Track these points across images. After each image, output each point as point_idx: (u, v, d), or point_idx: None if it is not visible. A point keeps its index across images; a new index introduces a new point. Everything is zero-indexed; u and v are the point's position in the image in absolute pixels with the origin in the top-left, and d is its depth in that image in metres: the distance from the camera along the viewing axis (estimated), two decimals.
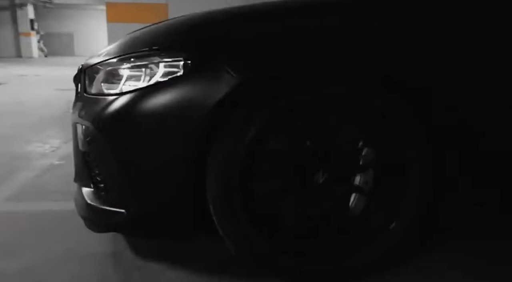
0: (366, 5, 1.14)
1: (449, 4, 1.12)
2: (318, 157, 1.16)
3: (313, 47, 1.10)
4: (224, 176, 1.10)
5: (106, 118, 1.17)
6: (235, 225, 1.13)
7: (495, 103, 1.12)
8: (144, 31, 1.40)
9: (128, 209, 1.20)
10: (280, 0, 1.27)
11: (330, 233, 1.19)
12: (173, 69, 1.12)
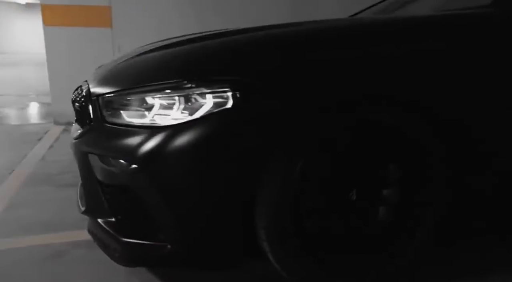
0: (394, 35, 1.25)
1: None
2: (357, 179, 1.25)
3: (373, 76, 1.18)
4: (277, 205, 1.13)
5: (149, 153, 1.12)
6: (288, 251, 1.18)
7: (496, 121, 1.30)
8: (169, 55, 1.36)
9: (174, 243, 1.19)
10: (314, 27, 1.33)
11: (367, 246, 1.30)
12: (220, 100, 1.11)
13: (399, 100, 1.21)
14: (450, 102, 1.22)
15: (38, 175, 2.48)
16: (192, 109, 1.13)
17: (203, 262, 1.25)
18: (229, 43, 1.31)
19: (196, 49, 1.35)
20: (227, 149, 1.11)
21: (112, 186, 1.29)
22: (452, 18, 1.37)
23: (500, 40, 1.30)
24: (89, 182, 1.40)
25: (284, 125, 1.12)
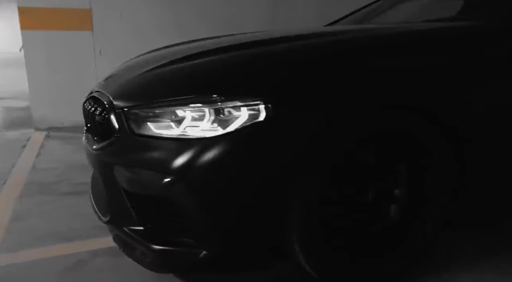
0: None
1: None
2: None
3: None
4: (309, 209, 1.23)
5: (187, 164, 1.18)
6: (318, 251, 1.28)
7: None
8: (197, 67, 1.41)
9: (211, 249, 1.25)
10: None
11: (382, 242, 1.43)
12: (253, 112, 1.19)
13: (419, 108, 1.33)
14: (455, 108, 1.36)
15: (34, 185, 2.45)
16: (225, 121, 1.20)
17: (235, 265, 1.34)
18: (257, 56, 1.39)
19: (224, 61, 1.41)
20: (261, 159, 1.19)
21: (144, 196, 1.33)
22: (454, 30, 1.52)
23: (493, 51, 1.46)
24: (114, 192, 1.43)
25: (313, 135, 1.21)
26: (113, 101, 1.43)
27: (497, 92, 1.43)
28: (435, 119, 1.33)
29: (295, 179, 1.21)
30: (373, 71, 1.30)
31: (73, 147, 3.29)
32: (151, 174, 1.28)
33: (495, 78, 1.44)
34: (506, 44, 1.48)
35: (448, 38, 1.46)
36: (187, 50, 1.76)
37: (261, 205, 1.22)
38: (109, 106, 1.44)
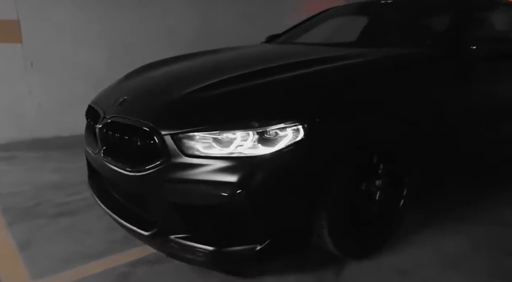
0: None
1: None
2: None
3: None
4: (337, 201, 1.63)
5: (248, 178, 1.47)
6: (344, 238, 1.70)
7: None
8: (241, 93, 1.69)
9: (263, 244, 1.57)
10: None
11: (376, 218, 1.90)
12: (295, 132, 1.52)
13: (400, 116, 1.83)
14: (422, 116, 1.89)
15: (13, 210, 2.40)
16: (273, 141, 1.52)
17: (280, 253, 1.67)
18: (291, 83, 1.73)
19: (263, 87, 1.71)
20: (301, 168, 1.54)
21: (199, 206, 1.58)
22: (419, 55, 2.06)
23: (441, 68, 2.03)
24: (161, 207, 1.65)
25: (337, 146, 1.60)
26: (156, 127, 1.62)
27: (443, 98, 2.01)
28: (409, 121, 1.85)
29: (325, 180, 1.59)
30: (375, 90, 1.75)
31: (23, 167, 3.17)
32: (210, 187, 1.53)
33: (441, 87, 2.02)
34: (449, 65, 2.08)
35: (419, 61, 2.02)
36: (212, 71, 2.09)
37: (300, 203, 1.58)
38: (152, 131, 1.62)
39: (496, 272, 1.78)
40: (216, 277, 1.74)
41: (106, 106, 1.98)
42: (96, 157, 1.95)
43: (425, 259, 1.87)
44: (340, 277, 1.75)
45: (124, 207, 1.95)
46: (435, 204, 2.41)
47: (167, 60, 2.62)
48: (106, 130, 1.84)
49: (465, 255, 1.91)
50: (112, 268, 1.82)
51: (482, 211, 2.36)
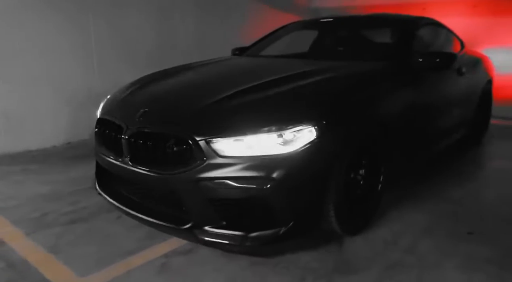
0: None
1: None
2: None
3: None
4: (340, 192, 2.05)
5: (280, 172, 1.84)
6: (344, 214, 2.12)
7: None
8: (263, 102, 2.07)
9: (287, 225, 1.94)
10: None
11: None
12: (309, 133, 1.91)
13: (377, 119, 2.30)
14: (390, 117, 2.39)
15: (24, 222, 2.49)
16: (293, 141, 1.90)
17: (299, 232, 2.04)
18: (297, 93, 2.15)
19: (275, 97, 2.11)
20: (315, 161, 1.94)
21: (233, 199, 1.91)
22: (385, 67, 2.56)
23: (401, 79, 2.56)
24: (197, 202, 1.95)
25: (339, 143, 2.02)
26: (192, 134, 1.92)
27: (401, 101, 2.54)
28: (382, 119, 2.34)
29: (331, 172, 2.01)
30: (364, 98, 2.22)
31: (6, 181, 3.18)
32: (242, 182, 1.87)
33: (400, 92, 2.55)
34: (404, 74, 2.61)
35: (385, 72, 2.52)
36: (220, 82, 2.47)
37: (315, 191, 1.98)
38: (188, 138, 1.92)
39: (458, 234, 2.33)
40: (243, 259, 2.07)
41: (126, 118, 2.21)
42: (119, 163, 2.17)
43: (402, 230, 2.38)
44: (343, 249, 2.17)
45: (151, 207, 2.19)
46: (403, 188, 2.95)
47: (165, 72, 2.90)
48: (134, 140, 2.08)
49: (431, 225, 2.45)
50: (150, 260, 2.06)
51: (436, 192, 2.95)
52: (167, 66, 3.04)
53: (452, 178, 3.29)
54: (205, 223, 1.98)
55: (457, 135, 3.73)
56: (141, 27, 4.77)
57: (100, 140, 2.40)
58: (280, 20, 6.57)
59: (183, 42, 5.27)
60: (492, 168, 3.77)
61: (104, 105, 2.61)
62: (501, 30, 5.62)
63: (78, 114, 4.33)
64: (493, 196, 2.95)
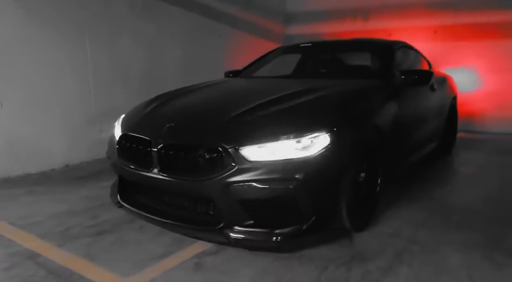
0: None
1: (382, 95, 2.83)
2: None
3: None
4: (349, 192, 2.35)
5: (304, 173, 2.12)
6: (353, 212, 2.41)
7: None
8: (274, 114, 2.36)
9: (309, 220, 2.21)
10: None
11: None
12: (324, 139, 2.22)
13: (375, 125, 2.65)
14: (384, 126, 2.75)
15: (51, 235, 2.60)
16: (311, 147, 2.19)
17: (319, 228, 2.31)
18: (308, 105, 2.46)
19: (290, 109, 2.42)
20: (330, 163, 2.24)
21: (260, 200, 2.16)
22: (375, 83, 2.94)
23: (389, 93, 2.93)
24: (227, 204, 2.19)
25: (348, 147, 2.34)
26: (223, 144, 2.18)
27: (390, 111, 2.91)
28: (378, 128, 2.69)
29: (343, 173, 2.31)
30: (364, 109, 2.56)
31: (18, 202, 3.25)
32: (269, 184, 2.14)
33: (390, 105, 2.92)
34: (391, 89, 3.00)
35: (375, 87, 2.88)
36: (236, 98, 2.76)
37: (331, 190, 2.27)
38: (219, 147, 2.17)
39: (448, 225, 2.67)
40: (269, 256, 2.30)
41: (153, 132, 2.43)
42: (148, 174, 2.38)
43: (401, 225, 2.70)
44: (353, 242, 2.45)
45: (178, 213, 2.40)
46: (394, 191, 3.29)
47: (177, 92, 3.18)
48: (165, 152, 2.30)
49: (424, 219, 2.79)
50: (183, 261, 2.25)
51: (422, 193, 3.32)
52: (158, 91, 3.34)
53: (432, 182, 3.69)
54: (234, 223, 2.21)
55: (432, 145, 4.17)
56: (133, 54, 5.00)
57: (125, 154, 2.59)
58: (258, 46, 7.03)
59: (171, 68, 5.53)
60: (463, 173, 4.22)
61: (123, 122, 2.81)
62: (458, 53, 6.28)
63: (75, 137, 4.44)
64: (466, 195, 3.36)
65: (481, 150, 5.27)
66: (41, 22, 4.02)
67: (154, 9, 5.22)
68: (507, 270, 2.14)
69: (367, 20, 7.02)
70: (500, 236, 2.54)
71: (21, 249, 2.42)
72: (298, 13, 7.82)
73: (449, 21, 6.26)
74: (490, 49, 6.01)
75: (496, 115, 6.28)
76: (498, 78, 6.13)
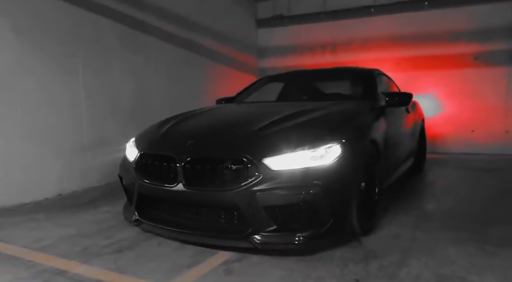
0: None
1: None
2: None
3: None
4: (357, 198, 2.62)
5: (324, 180, 2.38)
6: (361, 216, 2.67)
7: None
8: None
9: (328, 223, 2.44)
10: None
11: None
12: (337, 149, 2.49)
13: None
14: (378, 140, 3.08)
15: (71, 254, 2.63)
16: (326, 156, 2.46)
17: (336, 230, 2.54)
18: (317, 121, 2.75)
19: (304, 125, 2.68)
20: (343, 171, 2.51)
21: (283, 205, 2.38)
22: (366, 104, 3.29)
23: (375, 112, 3.29)
24: (254, 212, 2.39)
25: (355, 157, 2.62)
26: (249, 156, 2.40)
27: (380, 127, 3.25)
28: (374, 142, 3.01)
29: (354, 180, 2.58)
30: (362, 124, 2.89)
31: (22, 228, 3.23)
32: (292, 190, 2.37)
33: (381, 122, 3.27)
34: (378, 108, 3.36)
35: (366, 106, 3.23)
36: (249, 116, 3.02)
37: (345, 194, 2.53)
38: (245, 159, 2.39)
39: (439, 226, 2.99)
40: (291, 258, 2.48)
41: (176, 149, 2.61)
42: (172, 188, 2.54)
43: (398, 228, 2.99)
44: (363, 244, 2.70)
45: (202, 225, 2.55)
46: (385, 199, 3.59)
47: (186, 114, 3.42)
48: (190, 166, 2.49)
49: (417, 223, 3.10)
50: (212, 269, 2.38)
51: (409, 202, 3.65)
52: (145, 121, 3.57)
53: (415, 193, 4.08)
54: (260, 229, 2.40)
55: (410, 162, 4.58)
56: (123, 85, 5.15)
57: (145, 172, 2.73)
58: (235, 77, 7.39)
59: (157, 99, 5.70)
60: (438, 185, 4.64)
61: (139, 143, 2.97)
62: (420, 82, 6.93)
63: (68, 167, 4.45)
64: (446, 202, 3.74)
65: (447, 166, 5.77)
66: (37, 49, 4.12)
67: (143, 42, 5.44)
68: (500, 256, 2.45)
69: (336, 53, 7.60)
70: (483, 233, 2.87)
71: (46, 267, 2.45)
72: (269, 48, 8.31)
73: (410, 54, 6.95)
74: (447, 77, 6.70)
75: (454, 137, 6.91)
76: (454, 104, 6.80)
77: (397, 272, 2.27)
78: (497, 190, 4.27)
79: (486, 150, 6.64)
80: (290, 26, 8.00)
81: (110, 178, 4.92)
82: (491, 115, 6.62)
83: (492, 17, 6.45)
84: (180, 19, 6.12)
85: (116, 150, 5.03)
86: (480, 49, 6.58)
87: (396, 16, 7.02)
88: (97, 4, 4.78)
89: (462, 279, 2.17)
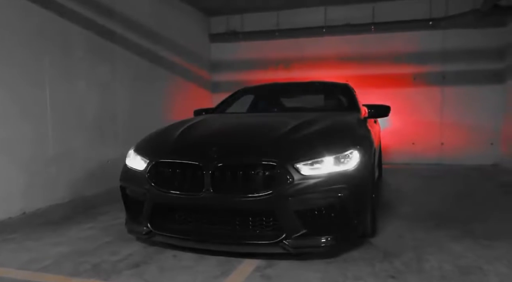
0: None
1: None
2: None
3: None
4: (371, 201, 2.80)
5: (349, 183, 2.51)
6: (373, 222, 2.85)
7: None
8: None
9: (353, 225, 2.58)
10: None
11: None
12: (355, 155, 2.65)
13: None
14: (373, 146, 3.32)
15: (85, 273, 2.43)
16: (350, 162, 2.61)
17: (358, 232, 2.67)
18: (337, 128, 2.93)
19: (321, 132, 2.82)
20: (365, 176, 2.68)
21: (314, 209, 2.48)
22: (355, 115, 3.52)
23: (361, 122, 3.53)
24: (286, 217, 2.46)
25: (368, 162, 2.81)
26: (280, 161, 2.46)
27: (372, 137, 3.51)
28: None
29: (369, 183, 2.76)
30: (364, 132, 3.10)
31: (11, 247, 2.88)
32: (321, 194, 2.47)
33: (369, 131, 3.52)
34: (361, 119, 3.60)
35: (353, 116, 3.47)
36: (266, 122, 3.14)
37: (366, 197, 2.71)
38: (276, 164, 2.45)
39: (432, 226, 3.27)
40: (319, 262, 2.55)
41: (199, 157, 2.56)
42: (196, 197, 2.49)
43: (398, 230, 3.21)
44: (374, 244, 2.87)
45: (229, 232, 2.53)
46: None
47: (193, 119, 3.40)
48: (219, 173, 2.47)
49: (410, 224, 3.36)
50: (247, 277, 2.36)
51: (392, 208, 3.93)
52: (111, 134, 3.26)
53: (390, 198, 4.38)
54: (292, 234, 2.45)
55: (378, 170, 4.94)
56: (88, 98, 4.86)
57: (163, 180, 2.63)
58: (192, 90, 7.35)
59: (121, 112, 5.45)
60: (402, 191, 5.03)
61: (148, 152, 2.84)
62: (367, 99, 7.48)
63: (32, 182, 4.05)
64: (424, 205, 4.10)
65: (398, 175, 6.27)
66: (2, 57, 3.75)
67: (109, 52, 5.19)
68: (495, 247, 2.79)
69: (288, 69, 7.92)
70: (470, 230, 3.21)
71: None
72: (222, 62, 8.38)
73: (358, 72, 7.51)
74: (391, 95, 7.34)
75: (398, 149, 7.55)
76: (397, 119, 7.45)
77: (422, 266, 2.46)
78: (453, 194, 4.77)
79: (425, 160, 7.36)
80: (243, 42, 8.17)
81: (76, 194, 4.58)
82: (429, 129, 7.38)
83: (427, 42, 7.26)
84: (144, 30, 5.96)
85: (82, 164, 4.70)
86: (418, 70, 7.35)
87: (345, 37, 7.56)
88: (65, 7, 4.49)
89: (480, 268, 2.43)
